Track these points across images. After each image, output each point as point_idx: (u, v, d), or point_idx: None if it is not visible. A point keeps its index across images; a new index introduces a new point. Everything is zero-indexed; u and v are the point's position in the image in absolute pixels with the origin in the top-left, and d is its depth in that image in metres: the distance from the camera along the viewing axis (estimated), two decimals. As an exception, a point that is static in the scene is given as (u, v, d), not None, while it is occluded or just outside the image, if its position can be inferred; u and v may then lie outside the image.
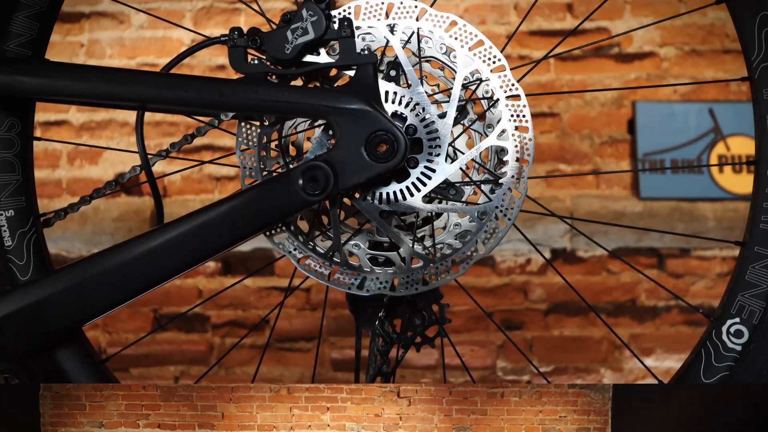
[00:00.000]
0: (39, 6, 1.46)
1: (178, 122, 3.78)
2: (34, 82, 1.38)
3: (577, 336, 3.66)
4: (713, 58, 3.72)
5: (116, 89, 1.38)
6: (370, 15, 1.42)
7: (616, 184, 3.71)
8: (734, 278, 1.48)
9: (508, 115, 1.39)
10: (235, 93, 1.35)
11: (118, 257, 1.42)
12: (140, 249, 1.41)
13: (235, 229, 1.40)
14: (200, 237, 1.40)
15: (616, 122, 3.74)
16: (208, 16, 3.87)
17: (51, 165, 3.82)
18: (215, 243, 1.41)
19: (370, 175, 1.33)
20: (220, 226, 1.39)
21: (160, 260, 1.41)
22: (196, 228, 1.39)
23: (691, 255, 3.65)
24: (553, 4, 3.80)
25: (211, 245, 1.41)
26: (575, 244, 3.64)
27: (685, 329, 3.65)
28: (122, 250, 1.41)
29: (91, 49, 3.88)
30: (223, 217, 1.39)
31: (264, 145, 1.45)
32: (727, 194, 3.63)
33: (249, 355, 3.69)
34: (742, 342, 1.45)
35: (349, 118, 1.33)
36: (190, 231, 1.39)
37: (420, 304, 1.54)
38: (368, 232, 1.49)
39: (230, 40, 1.40)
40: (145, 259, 1.40)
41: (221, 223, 1.39)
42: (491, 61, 1.40)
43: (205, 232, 1.39)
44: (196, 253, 1.41)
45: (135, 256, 1.40)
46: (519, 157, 1.40)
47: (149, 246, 1.40)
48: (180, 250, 1.40)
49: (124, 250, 1.41)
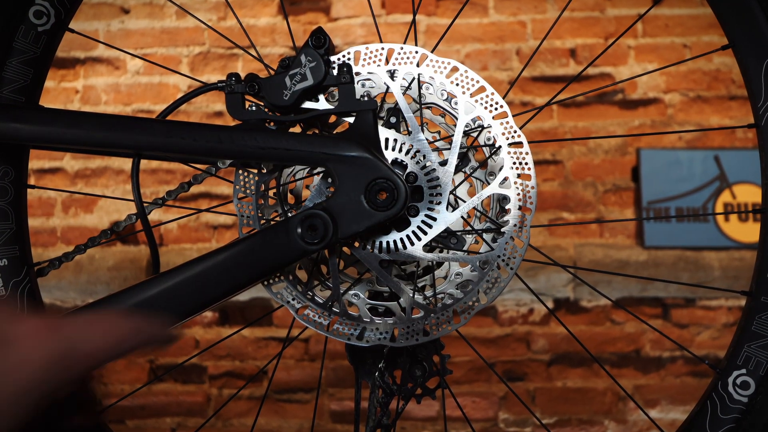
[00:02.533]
0: (33, 51, 1.46)
1: (175, 170, 3.80)
2: (28, 129, 1.37)
3: (580, 387, 3.65)
4: (719, 105, 3.73)
5: (111, 136, 1.37)
6: (369, 61, 1.42)
7: (620, 233, 3.71)
8: (740, 329, 1.47)
9: (510, 162, 1.39)
10: (233, 140, 1.34)
11: (112, 308, 1.41)
12: (136, 299, 1.39)
13: (232, 279, 1.39)
14: (197, 287, 1.39)
15: (620, 170, 3.74)
16: (204, 62, 3.89)
17: (45, 213, 3.82)
18: (212, 293, 1.40)
19: (369, 224, 1.33)
20: (217, 276, 1.38)
21: (156, 310, 1.40)
22: (193, 277, 1.38)
23: (696, 305, 3.65)
24: (556, 49, 3.82)
25: (208, 295, 1.40)
26: (578, 294, 3.64)
27: (691, 380, 3.64)
28: (117, 300, 1.40)
29: (86, 95, 3.90)
30: (220, 266, 1.38)
31: (262, 193, 1.44)
32: (733, 243, 3.63)
33: (247, 406, 3.68)
34: (749, 394, 1.44)
35: (348, 165, 1.33)
36: (187, 280, 1.38)
37: (421, 354, 1.54)
38: (368, 281, 1.49)
39: (227, 87, 1.40)
40: (141, 310, 1.40)
41: (218, 272, 1.38)
42: (493, 107, 1.40)
43: (202, 282, 1.38)
44: (192, 303, 1.40)
45: (130, 306, 1.40)
46: (521, 205, 1.40)
47: (145, 296, 1.39)
48: (176, 299, 1.39)
49: (118, 299, 1.40)
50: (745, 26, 1.44)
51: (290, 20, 3.89)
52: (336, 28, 3.90)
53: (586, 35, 3.82)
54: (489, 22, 3.86)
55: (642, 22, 3.80)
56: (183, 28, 3.93)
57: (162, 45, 3.93)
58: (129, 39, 3.95)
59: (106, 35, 3.95)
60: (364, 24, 3.89)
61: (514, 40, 3.85)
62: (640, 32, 3.81)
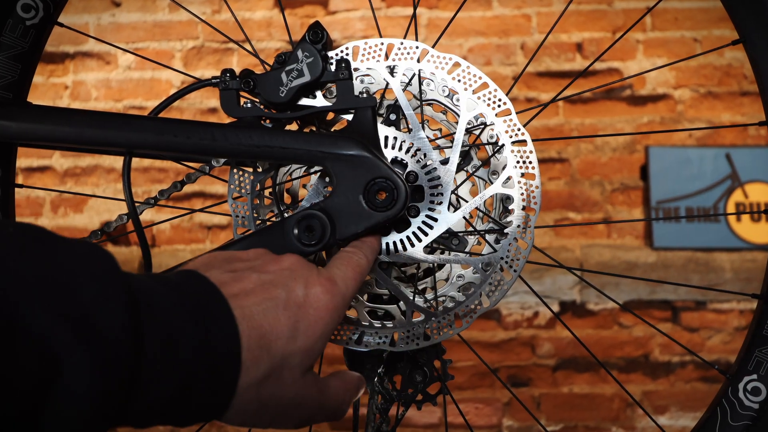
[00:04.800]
0: (21, 46, 1.45)
1: (168, 168, 3.79)
2: (16, 127, 1.37)
3: (587, 393, 3.65)
4: (730, 101, 3.73)
5: (102, 134, 1.36)
6: (368, 56, 1.42)
7: (628, 233, 3.71)
8: (751, 333, 1.47)
9: (513, 161, 1.39)
10: (227, 138, 1.33)
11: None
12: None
13: (227, 281, 1.39)
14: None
15: (629, 168, 3.74)
16: (198, 57, 3.89)
17: (34, 213, 3.82)
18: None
19: (368, 225, 1.32)
20: (211, 278, 1.38)
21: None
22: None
23: (707, 308, 3.65)
24: (562, 44, 3.82)
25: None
26: (585, 297, 3.64)
27: (701, 386, 3.64)
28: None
29: (76, 91, 3.90)
30: (214, 268, 1.38)
31: (257, 193, 1.44)
32: (744, 244, 3.63)
33: (241, 413, 3.68)
34: (760, 400, 1.43)
35: (346, 164, 1.32)
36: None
37: (421, 359, 1.54)
38: (367, 283, 1.48)
39: (222, 83, 1.39)
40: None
41: (212, 274, 1.38)
42: (496, 104, 1.40)
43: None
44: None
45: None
46: (525, 205, 1.39)
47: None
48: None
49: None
50: (756, 20, 1.44)
51: (287, 13, 3.89)
52: (334, 21, 3.90)
53: (593, 29, 3.82)
54: (492, 16, 3.86)
55: (651, 16, 3.80)
56: (176, 22, 3.93)
57: (154, 39, 3.93)
58: (120, 33, 3.95)
59: (97, 29, 3.95)
60: (364, 17, 3.89)
61: (519, 34, 3.85)
62: (649, 26, 3.81)
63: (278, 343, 0.91)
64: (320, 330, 0.98)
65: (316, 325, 0.97)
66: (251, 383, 0.87)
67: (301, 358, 0.94)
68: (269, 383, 0.90)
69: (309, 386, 0.96)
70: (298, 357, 0.94)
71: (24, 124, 1.38)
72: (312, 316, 0.98)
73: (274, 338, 0.91)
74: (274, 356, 0.90)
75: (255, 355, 0.87)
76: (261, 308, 0.93)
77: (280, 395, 0.92)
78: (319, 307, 0.99)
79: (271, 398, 0.91)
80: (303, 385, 0.95)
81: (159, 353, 0.77)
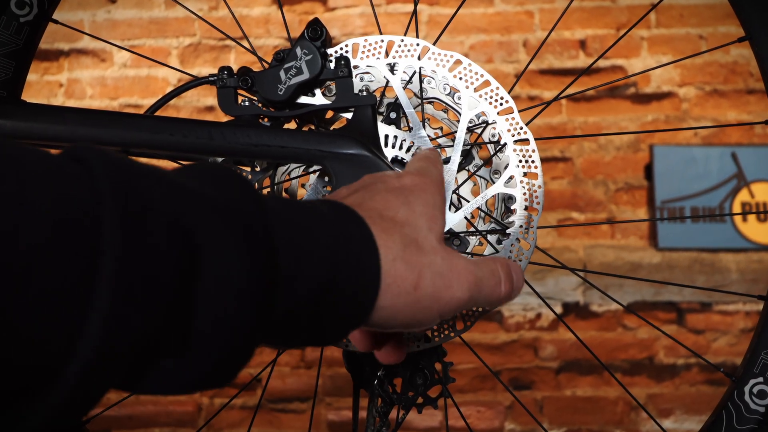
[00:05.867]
0: (15, 43, 1.45)
1: (164, 167, 3.79)
2: (9, 125, 1.36)
3: (590, 396, 3.65)
4: (736, 99, 3.73)
5: (97, 132, 1.36)
6: (368, 53, 1.42)
7: (632, 234, 3.71)
8: (757, 335, 1.46)
9: (516, 160, 1.39)
10: (224, 137, 1.33)
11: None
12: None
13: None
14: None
15: (633, 167, 3.74)
16: (195, 54, 3.89)
17: (28, 212, 3.82)
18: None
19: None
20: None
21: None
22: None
23: (712, 309, 3.65)
24: (565, 41, 3.82)
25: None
26: (588, 298, 3.64)
27: (706, 389, 3.64)
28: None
29: (71, 89, 3.90)
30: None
31: (255, 192, 1.44)
32: (751, 244, 3.63)
33: (239, 416, 3.68)
34: (766, 403, 1.44)
35: (346, 163, 1.32)
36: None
37: (422, 362, 1.53)
38: (366, 285, 1.48)
39: (219, 80, 1.39)
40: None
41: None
42: (498, 102, 1.39)
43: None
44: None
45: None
46: (528, 205, 1.39)
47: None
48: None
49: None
50: (762, 17, 1.43)
51: (285, 10, 3.89)
52: (334, 18, 3.90)
53: (596, 26, 3.82)
54: (494, 12, 3.86)
55: (655, 12, 3.80)
56: (172, 19, 3.93)
57: (150, 36, 3.93)
58: (115, 30, 3.94)
59: (92, 26, 3.95)
60: (363, 14, 3.89)
61: (521, 30, 3.85)
62: (654, 23, 3.81)
63: (398, 215, 0.92)
64: (431, 198, 0.99)
65: (424, 194, 0.99)
66: (394, 256, 0.87)
67: (427, 223, 0.94)
68: (410, 251, 0.89)
69: (455, 253, 0.95)
70: (424, 220, 0.94)
71: (18, 123, 1.37)
72: (418, 189, 0.99)
73: (392, 213, 0.92)
74: (400, 223, 0.91)
75: (382, 228, 0.88)
76: (368, 195, 0.95)
77: (429, 262, 0.90)
78: (416, 184, 1.01)
79: (418, 264, 0.89)
80: (447, 249, 0.94)
81: (302, 242, 0.78)
